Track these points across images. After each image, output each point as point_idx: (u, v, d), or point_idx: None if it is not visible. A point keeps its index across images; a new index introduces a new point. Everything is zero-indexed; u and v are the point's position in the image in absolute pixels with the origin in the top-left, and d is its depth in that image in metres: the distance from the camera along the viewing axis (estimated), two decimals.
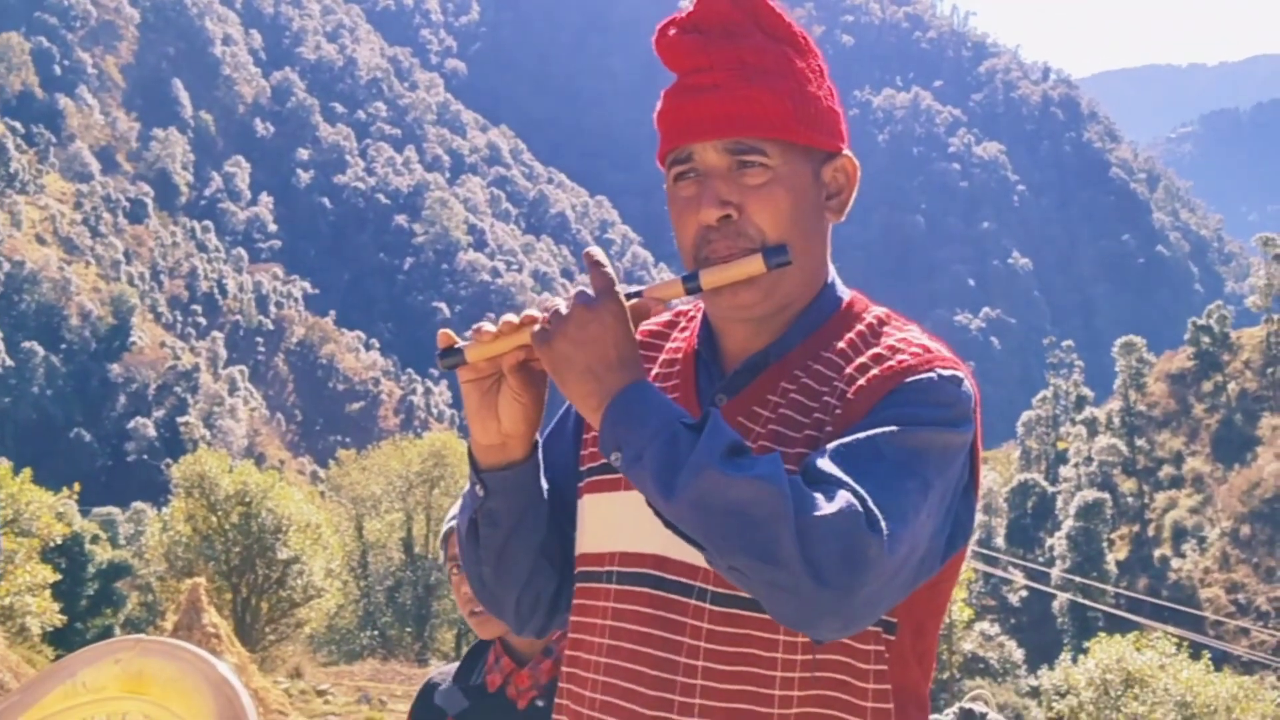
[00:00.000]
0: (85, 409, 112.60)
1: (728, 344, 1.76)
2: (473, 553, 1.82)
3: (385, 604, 33.71)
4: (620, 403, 1.55)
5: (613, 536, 1.74)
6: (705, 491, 1.46)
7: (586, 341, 1.56)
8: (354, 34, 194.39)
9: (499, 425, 1.71)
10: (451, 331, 1.71)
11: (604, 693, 1.70)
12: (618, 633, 1.69)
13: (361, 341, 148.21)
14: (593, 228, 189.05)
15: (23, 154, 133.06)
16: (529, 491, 1.77)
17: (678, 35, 1.72)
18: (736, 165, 1.66)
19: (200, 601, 18.04)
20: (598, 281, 1.60)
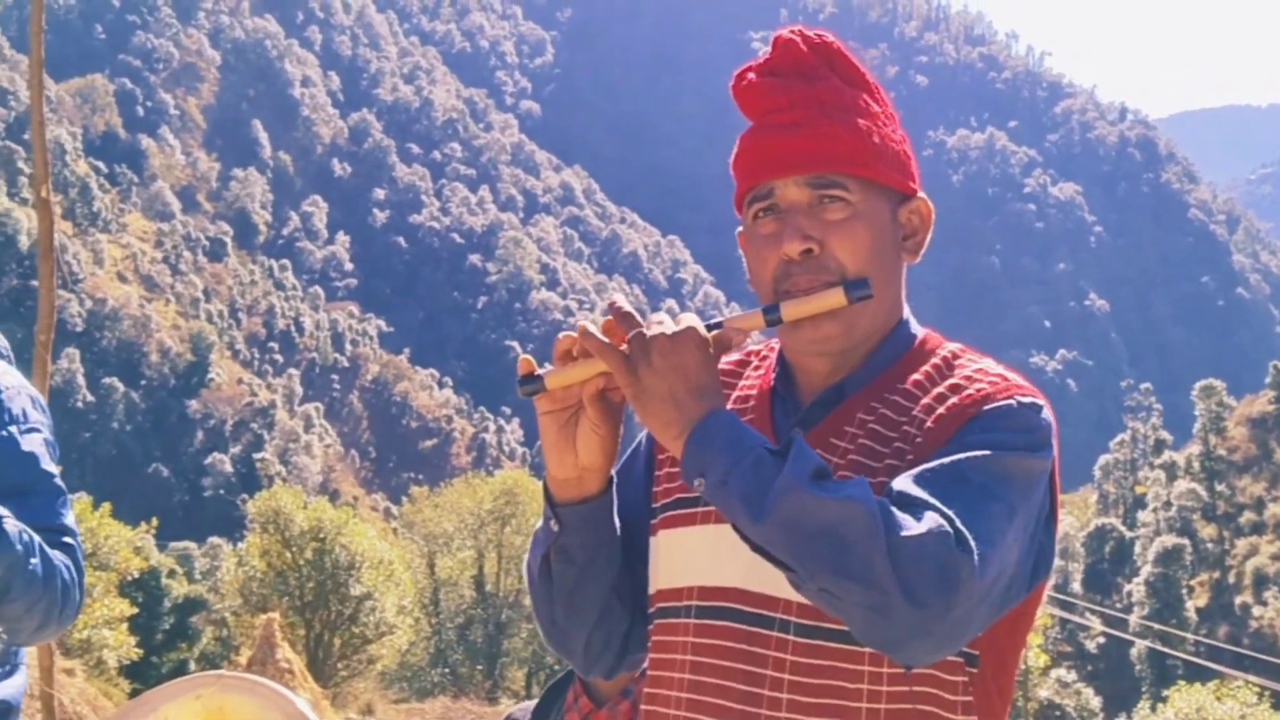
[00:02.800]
0: (164, 444, 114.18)
1: (803, 379, 1.77)
2: (544, 591, 1.80)
3: (456, 641, 33.77)
4: (703, 429, 1.55)
5: (690, 571, 1.72)
6: (795, 513, 1.47)
7: (669, 369, 1.56)
8: (430, 75, 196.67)
9: (576, 458, 1.71)
10: (532, 359, 1.72)
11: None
12: (699, 667, 1.68)
13: (435, 379, 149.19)
14: (665, 267, 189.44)
15: (106, 193, 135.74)
16: (603, 527, 1.77)
17: (756, 79, 1.73)
18: (818, 200, 1.67)
19: (274, 637, 18.17)
20: (679, 318, 1.62)
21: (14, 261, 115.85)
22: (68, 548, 2.36)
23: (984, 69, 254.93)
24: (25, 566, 2.21)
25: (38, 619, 2.29)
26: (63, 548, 2.35)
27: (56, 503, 2.40)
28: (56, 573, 2.30)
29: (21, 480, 2.34)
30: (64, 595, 2.32)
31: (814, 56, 1.73)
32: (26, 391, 2.46)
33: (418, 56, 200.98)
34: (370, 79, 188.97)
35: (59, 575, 2.30)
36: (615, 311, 1.64)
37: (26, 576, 2.21)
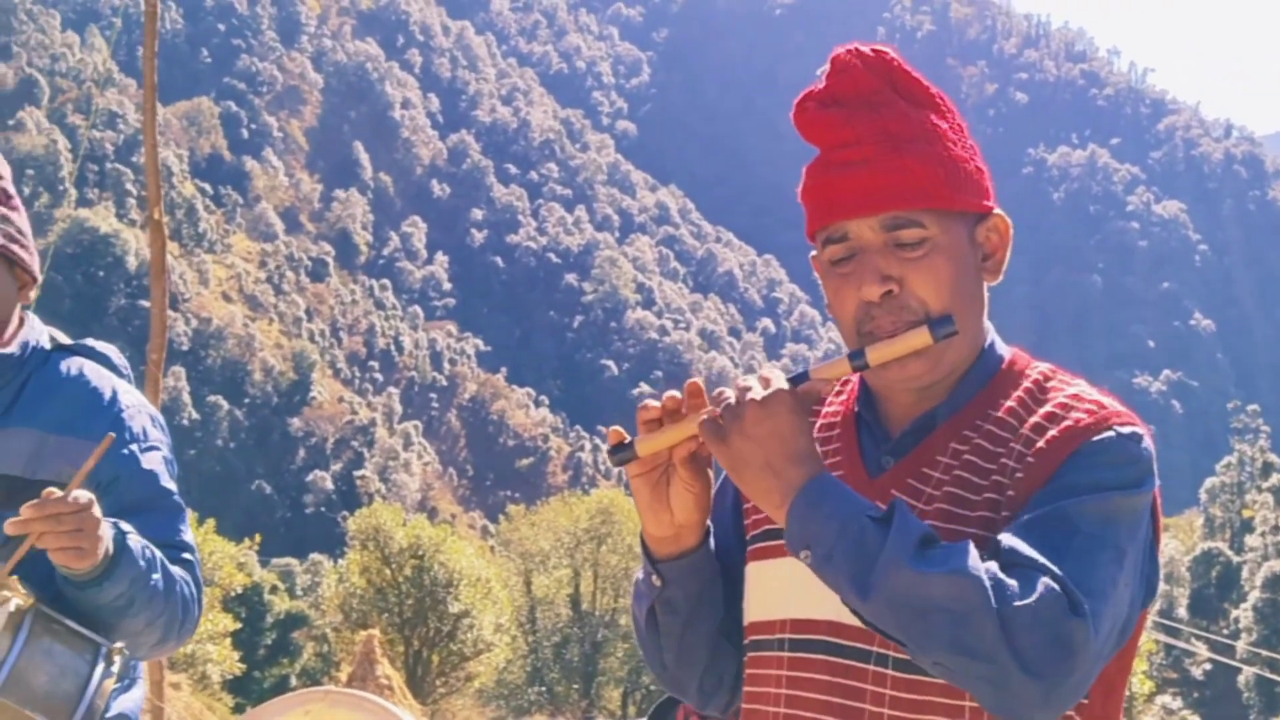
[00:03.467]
0: (266, 462, 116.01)
1: (890, 407, 1.73)
2: (652, 640, 1.80)
3: (553, 660, 33.81)
4: (804, 499, 1.52)
5: (782, 604, 1.71)
6: (901, 590, 1.44)
7: (762, 438, 1.54)
8: (528, 97, 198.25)
9: (671, 517, 1.69)
10: (621, 429, 1.69)
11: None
12: (794, 701, 1.67)
13: (531, 398, 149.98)
14: (760, 286, 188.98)
15: (211, 214, 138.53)
16: (705, 576, 1.75)
17: (817, 110, 1.69)
18: (893, 239, 1.63)
19: (374, 653, 18.35)
20: (766, 378, 1.59)
21: (122, 281, 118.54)
22: (187, 564, 2.40)
23: (1085, 86, 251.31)
24: (147, 582, 2.25)
25: (158, 633, 2.33)
26: (182, 564, 2.38)
27: (176, 520, 2.44)
28: (176, 588, 2.33)
29: (142, 497, 2.37)
30: (183, 610, 2.36)
31: (875, 79, 1.68)
32: (146, 410, 2.48)
33: (515, 78, 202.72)
34: (469, 100, 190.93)
35: (179, 591, 2.34)
36: (692, 389, 1.63)
37: (149, 592, 2.25)
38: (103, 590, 2.18)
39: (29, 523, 2.06)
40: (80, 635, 2.16)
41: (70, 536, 2.09)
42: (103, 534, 2.15)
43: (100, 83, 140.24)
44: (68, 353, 2.54)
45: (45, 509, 2.06)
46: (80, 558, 2.12)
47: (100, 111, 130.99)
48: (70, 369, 2.48)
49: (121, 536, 2.21)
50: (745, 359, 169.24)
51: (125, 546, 2.21)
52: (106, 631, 2.21)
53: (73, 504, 2.08)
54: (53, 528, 2.07)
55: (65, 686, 2.09)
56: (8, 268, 2.44)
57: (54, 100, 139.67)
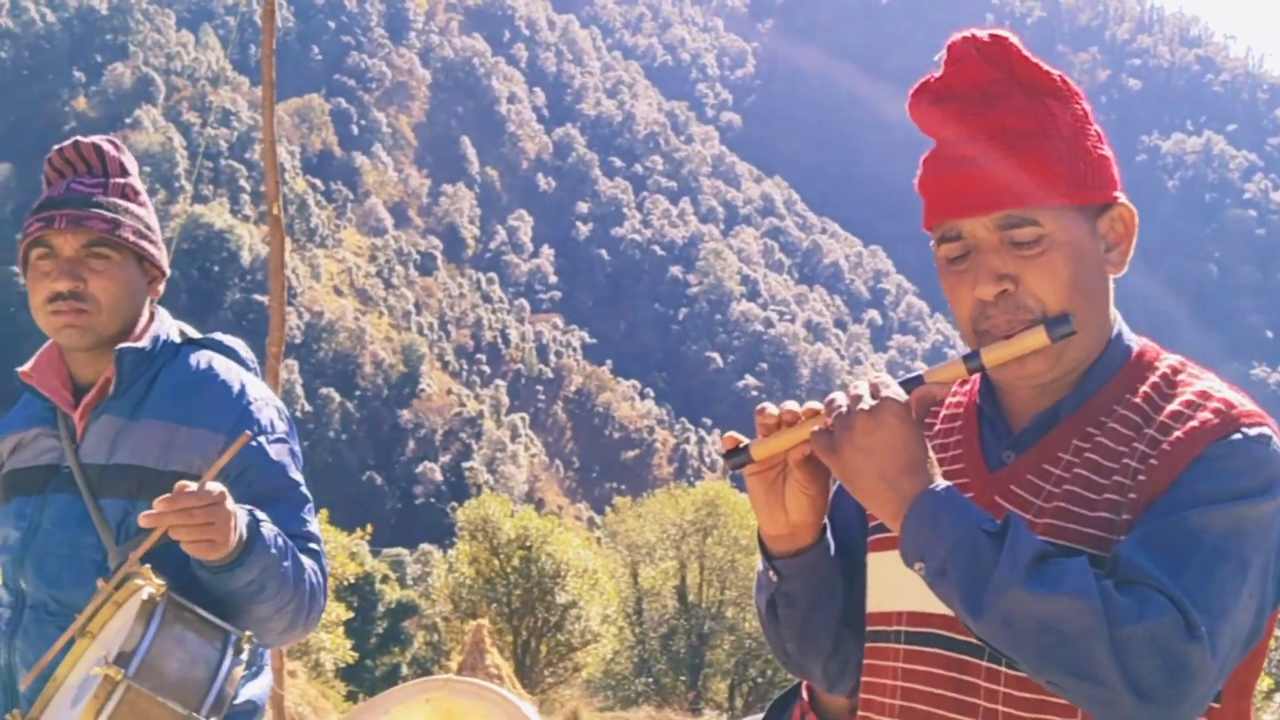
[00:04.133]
0: (377, 453, 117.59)
1: (1012, 400, 1.71)
2: (774, 631, 1.81)
3: (659, 651, 33.85)
4: (918, 512, 1.51)
5: (900, 595, 1.70)
6: (1013, 610, 1.43)
7: (875, 448, 1.52)
8: (633, 90, 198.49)
9: (787, 516, 1.69)
10: (737, 433, 1.68)
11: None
12: (909, 694, 1.66)
13: (637, 390, 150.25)
14: (866, 277, 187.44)
15: (322, 210, 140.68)
16: (823, 570, 1.75)
17: (932, 104, 1.68)
18: (1008, 237, 1.59)
19: (484, 643, 18.51)
20: (877, 385, 1.57)
21: (236, 276, 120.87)
22: (313, 553, 2.44)
23: (1200, 71, 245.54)
24: (278, 569, 2.28)
25: (286, 620, 2.37)
26: (309, 553, 2.42)
27: (302, 510, 2.47)
28: (304, 576, 2.37)
29: (270, 488, 2.41)
30: (310, 599, 2.41)
31: (992, 70, 1.63)
32: (273, 403, 2.53)
33: (620, 71, 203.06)
34: (574, 94, 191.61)
35: (306, 579, 2.38)
36: (788, 414, 1.62)
37: (279, 579, 2.29)
38: (235, 575, 2.22)
39: (161, 516, 2.10)
40: (211, 623, 2.19)
41: (201, 529, 2.12)
42: (235, 522, 2.18)
43: (214, 81, 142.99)
44: (197, 346, 2.58)
45: (177, 503, 2.10)
46: (210, 549, 2.15)
47: (214, 109, 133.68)
48: (200, 362, 2.53)
49: (255, 523, 2.25)
50: (851, 351, 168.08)
51: (259, 533, 2.25)
52: (236, 618, 2.25)
53: (204, 497, 2.11)
54: (184, 520, 2.11)
55: (196, 674, 2.12)
56: (137, 263, 2.50)
57: (170, 98, 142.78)
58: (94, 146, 2.52)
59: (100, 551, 2.36)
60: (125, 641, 2.06)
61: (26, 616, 2.44)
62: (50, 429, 2.53)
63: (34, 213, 2.48)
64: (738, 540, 33.69)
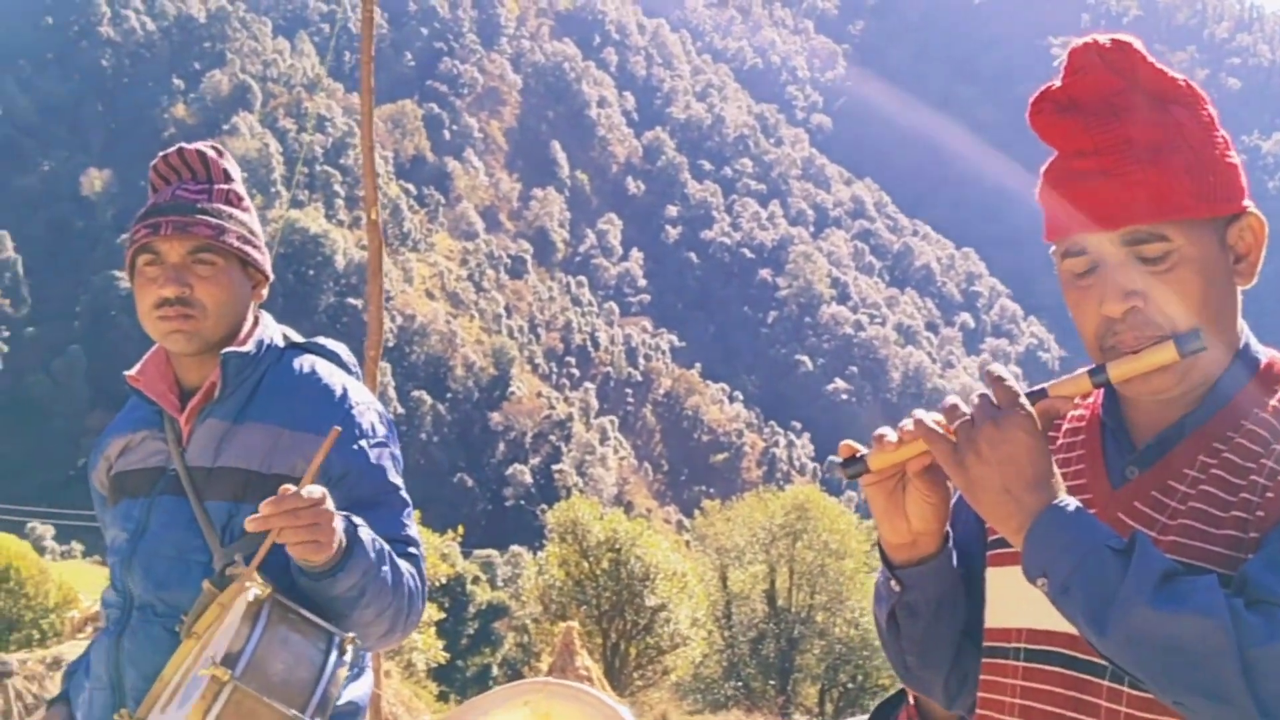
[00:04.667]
0: (468, 455, 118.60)
1: (1136, 414, 1.67)
2: (894, 643, 1.78)
3: (749, 655, 33.76)
4: (1041, 527, 1.48)
5: (1019, 612, 1.67)
6: (1139, 630, 1.40)
7: (999, 461, 1.50)
8: (722, 92, 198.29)
9: (908, 525, 1.67)
10: (853, 442, 1.67)
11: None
12: (1028, 712, 1.63)
13: (726, 394, 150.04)
14: (959, 280, 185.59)
15: (415, 214, 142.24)
16: (945, 580, 1.73)
17: (1054, 114, 1.62)
18: (1136, 253, 1.56)
19: (574, 645, 18.59)
20: (1003, 396, 1.53)
21: (331, 280, 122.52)
22: (412, 558, 2.45)
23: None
24: (377, 574, 2.30)
25: (386, 624, 2.38)
26: (408, 557, 2.43)
27: (402, 514, 2.49)
28: (403, 581, 2.38)
29: (370, 492, 2.42)
30: (409, 602, 2.41)
31: (1116, 78, 1.58)
32: (375, 407, 2.54)
33: (710, 74, 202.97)
34: (664, 98, 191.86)
35: (405, 583, 2.39)
36: (992, 378, 1.55)
37: (378, 584, 2.30)
38: (336, 582, 2.24)
39: (268, 519, 2.12)
40: (315, 625, 2.21)
41: (307, 530, 2.14)
42: (336, 527, 2.20)
43: (310, 87, 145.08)
44: (300, 350, 2.59)
45: (282, 505, 2.11)
46: (317, 551, 2.17)
47: (311, 116, 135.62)
48: (303, 366, 2.54)
49: (353, 529, 2.27)
50: (943, 354, 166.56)
51: (357, 539, 2.26)
52: (337, 623, 2.26)
53: (308, 499, 2.13)
54: (290, 523, 2.12)
55: (301, 674, 2.14)
56: (241, 268, 2.51)
57: (266, 105, 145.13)
58: (198, 153, 2.54)
59: (206, 553, 2.40)
60: (232, 642, 2.09)
61: (134, 617, 2.47)
62: (157, 432, 2.55)
63: (140, 219, 2.50)
64: (827, 544, 33.54)
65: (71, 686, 2.62)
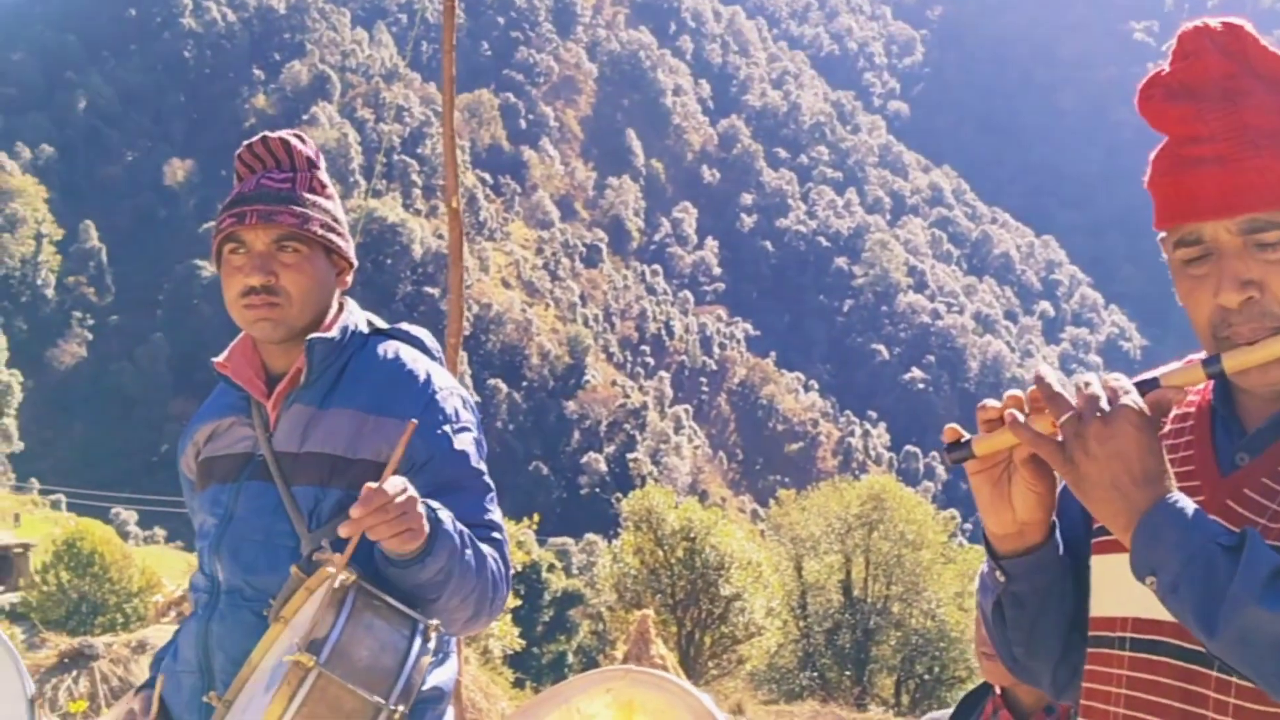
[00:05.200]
0: (543, 443, 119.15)
1: (1248, 400, 1.64)
2: (1000, 634, 1.77)
3: (824, 646, 33.62)
4: (1150, 524, 1.46)
5: (1125, 601, 1.63)
6: (1250, 629, 1.37)
7: (1108, 457, 1.47)
8: (798, 79, 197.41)
9: (1013, 514, 1.64)
10: (958, 426, 1.64)
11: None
12: (1134, 703, 1.61)
13: (801, 383, 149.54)
14: (1038, 268, 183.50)
15: (491, 203, 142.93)
16: (1051, 571, 1.70)
17: (1165, 100, 1.58)
18: (1254, 241, 1.52)
19: (649, 633, 18.60)
20: (1112, 389, 1.50)
21: (408, 269, 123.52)
22: (496, 542, 2.46)
23: None
24: (462, 560, 2.30)
25: (469, 610, 2.39)
26: (491, 542, 2.44)
27: (485, 499, 2.50)
28: (487, 566, 2.39)
29: (454, 477, 2.43)
30: (493, 588, 2.42)
31: (1229, 63, 1.54)
32: (458, 392, 2.55)
33: (786, 61, 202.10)
34: (739, 85, 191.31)
35: (489, 568, 2.39)
36: (1043, 391, 1.53)
37: (462, 569, 2.31)
38: (422, 568, 2.24)
39: (359, 523, 2.12)
40: (399, 611, 2.21)
41: (400, 521, 2.15)
42: (421, 513, 2.21)
43: (388, 77, 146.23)
44: (384, 336, 2.61)
45: (371, 505, 2.11)
46: (410, 539, 2.18)
47: (390, 106, 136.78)
48: (387, 352, 2.55)
49: (435, 516, 2.27)
50: (1022, 343, 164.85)
51: (440, 526, 2.26)
52: (421, 609, 2.27)
53: (392, 493, 2.13)
54: (382, 519, 2.13)
55: (385, 661, 2.15)
56: (326, 256, 2.53)
57: (345, 95, 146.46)
58: (282, 141, 2.55)
59: (293, 538, 2.41)
60: (316, 629, 2.09)
61: (222, 601, 2.48)
62: (244, 418, 2.57)
63: (226, 208, 2.52)
64: (904, 535, 33.32)
65: (161, 670, 2.63)
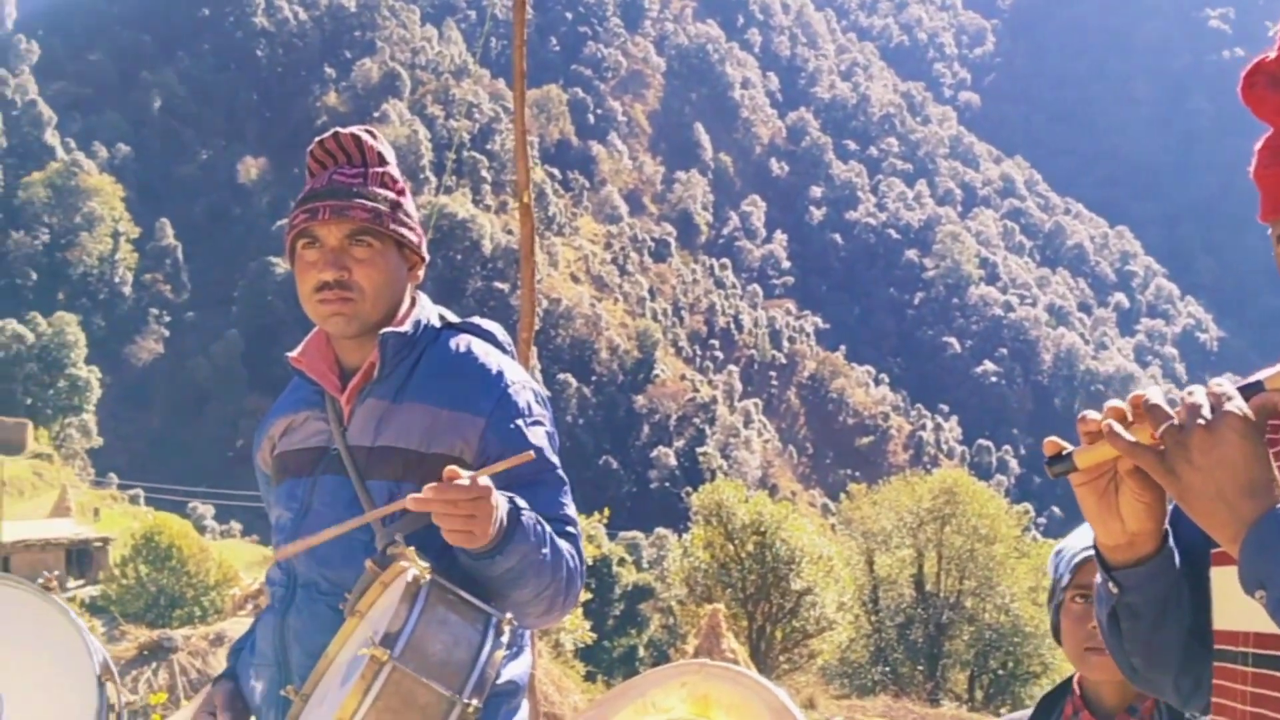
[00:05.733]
0: (613, 438, 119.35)
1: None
2: (1117, 645, 1.72)
3: (896, 641, 33.46)
4: (1258, 535, 1.40)
5: (1245, 614, 1.56)
6: None
7: (1210, 467, 1.42)
8: (867, 71, 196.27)
9: (1122, 525, 1.59)
10: (1058, 439, 1.59)
11: None
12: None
13: (871, 376, 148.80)
14: (1112, 259, 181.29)
15: (559, 198, 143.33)
16: (1166, 581, 1.64)
17: (1268, 88, 1.54)
18: None
19: (719, 627, 18.60)
20: (1215, 395, 1.45)
21: (478, 264, 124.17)
22: (571, 537, 2.45)
23: None
24: (537, 555, 2.30)
25: (544, 605, 2.39)
26: (566, 536, 2.43)
27: (559, 493, 2.50)
28: (563, 560, 2.38)
29: (529, 472, 2.39)
30: (568, 583, 2.41)
31: None
32: (530, 386, 2.55)
33: (855, 53, 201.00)
34: (808, 77, 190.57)
35: (564, 563, 2.39)
36: (1143, 401, 1.49)
37: (538, 564, 2.31)
38: (496, 562, 2.25)
39: (428, 502, 2.13)
40: (473, 605, 2.21)
41: (462, 521, 2.15)
42: (497, 514, 2.20)
43: (457, 74, 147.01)
44: (456, 331, 2.62)
45: (445, 493, 2.12)
46: (469, 541, 2.18)
47: (461, 103, 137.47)
48: (459, 346, 2.56)
49: (516, 511, 2.27)
50: (1096, 335, 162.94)
51: (518, 520, 2.26)
52: (496, 602, 2.28)
53: (470, 492, 2.13)
54: (449, 510, 2.13)
55: (459, 655, 2.15)
56: (398, 250, 2.53)
57: (415, 92, 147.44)
58: (353, 137, 2.56)
59: (368, 532, 2.41)
60: (390, 622, 2.11)
61: (298, 595, 2.50)
62: (319, 412, 2.58)
63: (299, 204, 2.53)
64: (976, 529, 33.07)
65: (238, 664, 2.65)
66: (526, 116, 4.92)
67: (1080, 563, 2.50)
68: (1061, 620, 2.52)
